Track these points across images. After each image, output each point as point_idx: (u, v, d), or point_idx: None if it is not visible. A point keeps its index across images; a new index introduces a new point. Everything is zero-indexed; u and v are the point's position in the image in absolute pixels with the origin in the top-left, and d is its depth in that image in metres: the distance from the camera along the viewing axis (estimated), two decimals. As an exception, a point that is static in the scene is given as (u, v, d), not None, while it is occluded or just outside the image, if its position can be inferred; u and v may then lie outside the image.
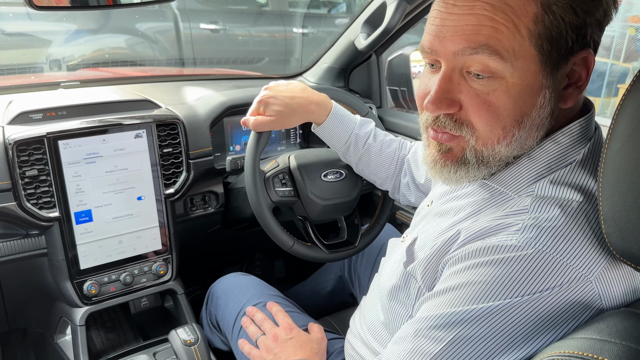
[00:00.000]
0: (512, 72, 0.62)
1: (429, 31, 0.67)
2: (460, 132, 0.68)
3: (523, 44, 0.62)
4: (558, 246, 0.60)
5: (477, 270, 0.63)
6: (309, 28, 4.92)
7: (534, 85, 0.64)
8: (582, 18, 0.63)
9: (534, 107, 0.65)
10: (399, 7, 1.37)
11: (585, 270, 0.59)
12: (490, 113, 0.65)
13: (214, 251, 1.70)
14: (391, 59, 1.72)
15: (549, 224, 0.61)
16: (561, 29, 0.62)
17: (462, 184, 0.75)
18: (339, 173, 1.27)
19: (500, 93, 0.63)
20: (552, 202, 0.64)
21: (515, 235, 0.62)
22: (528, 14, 0.61)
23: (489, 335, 0.61)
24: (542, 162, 0.69)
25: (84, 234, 1.19)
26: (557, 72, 0.65)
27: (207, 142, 1.36)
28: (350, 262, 1.44)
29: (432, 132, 0.72)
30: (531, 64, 0.63)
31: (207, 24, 4.39)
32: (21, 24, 3.53)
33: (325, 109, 1.16)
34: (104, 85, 1.54)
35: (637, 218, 0.54)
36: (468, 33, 0.62)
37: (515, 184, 0.70)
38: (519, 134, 0.66)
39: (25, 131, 1.11)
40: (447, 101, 0.66)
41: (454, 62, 0.65)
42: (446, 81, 0.66)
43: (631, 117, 0.55)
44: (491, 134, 0.66)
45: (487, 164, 0.69)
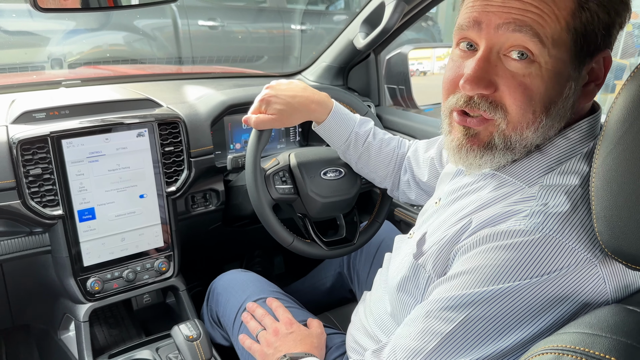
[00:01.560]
0: (547, 59, 0.65)
1: (471, 9, 0.69)
2: (494, 114, 0.69)
3: (561, 34, 0.65)
4: (564, 231, 0.63)
5: (488, 255, 0.66)
6: (307, 25, 4.92)
7: (563, 75, 0.67)
8: (612, 18, 0.67)
9: (561, 97, 0.68)
10: (398, 7, 1.39)
11: (590, 254, 0.62)
12: (525, 95, 0.67)
13: (214, 248, 1.72)
14: (389, 58, 1.73)
15: (555, 210, 0.64)
16: (594, 25, 0.66)
17: (483, 170, 0.77)
18: (338, 171, 1.29)
19: (535, 77, 0.66)
20: (558, 190, 0.67)
21: (524, 221, 0.65)
22: (567, 8, 0.64)
23: (499, 315, 0.63)
24: (553, 156, 0.72)
25: (87, 232, 1.21)
26: (582, 67, 0.68)
27: (208, 141, 1.38)
28: (349, 259, 1.46)
29: (457, 117, 0.73)
30: (564, 54, 0.66)
31: (205, 21, 4.39)
32: (23, 23, 3.53)
33: (326, 107, 1.18)
34: (105, 84, 1.56)
35: (627, 217, 0.56)
36: (514, 12, 0.65)
37: (527, 175, 0.73)
38: (546, 121, 0.69)
39: (29, 130, 1.13)
40: (485, 81, 0.68)
41: (494, 39, 0.67)
42: (485, 61, 0.68)
43: (621, 120, 0.57)
44: (522, 118, 0.68)
45: (512, 149, 0.71)
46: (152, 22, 4.18)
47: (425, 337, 0.69)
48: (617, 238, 0.58)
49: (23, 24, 3.54)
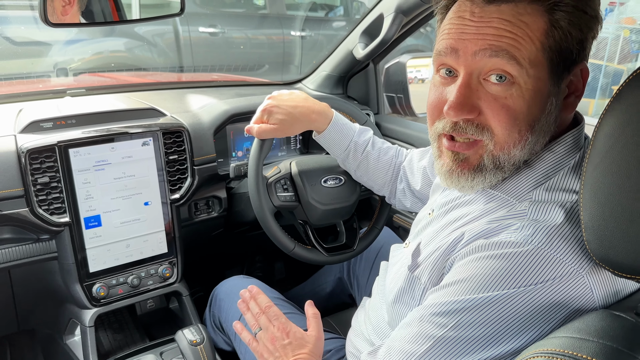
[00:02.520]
0: (526, 79, 0.68)
1: (447, 37, 0.72)
2: (481, 136, 0.72)
3: (537, 54, 0.68)
4: (552, 243, 0.66)
5: (480, 263, 0.69)
6: (307, 31, 4.96)
7: (543, 92, 0.70)
8: (585, 33, 0.70)
9: (543, 113, 0.71)
10: (396, 19, 1.43)
11: (577, 265, 0.65)
12: (509, 116, 0.69)
13: (216, 254, 1.75)
14: (388, 67, 1.77)
15: (545, 224, 0.67)
16: (568, 42, 0.69)
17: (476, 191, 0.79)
18: (338, 179, 1.32)
19: (517, 97, 0.69)
20: (548, 205, 0.70)
21: (515, 233, 0.68)
22: (540, 29, 0.67)
23: (488, 321, 0.66)
24: (541, 170, 0.74)
25: (93, 239, 1.24)
26: (561, 82, 0.71)
27: (211, 149, 1.41)
28: (349, 265, 1.49)
29: (446, 142, 0.76)
30: (542, 72, 0.69)
31: (206, 27, 4.43)
32: (30, 32, 3.58)
33: (326, 117, 1.21)
34: (110, 93, 1.59)
35: (614, 227, 0.59)
36: (489, 38, 0.68)
37: (517, 191, 0.75)
38: (531, 138, 0.71)
39: (37, 140, 1.16)
40: (468, 106, 0.70)
41: (472, 65, 0.69)
42: (466, 87, 0.70)
43: (608, 135, 0.60)
44: (509, 138, 0.71)
45: (502, 168, 0.74)
46: (153, 29, 4.21)
47: (418, 340, 0.72)
48: (604, 247, 0.61)
49: (30, 34, 3.59)
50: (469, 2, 0.70)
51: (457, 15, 0.71)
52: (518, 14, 0.67)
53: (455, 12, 0.72)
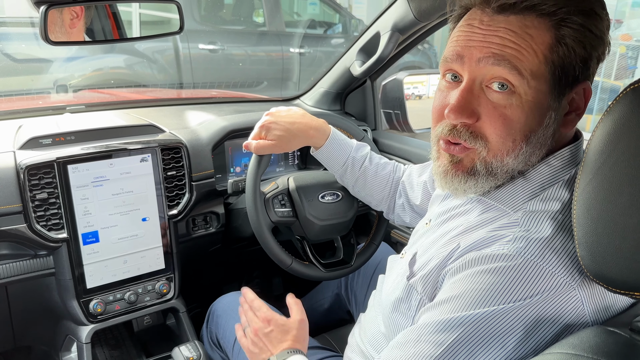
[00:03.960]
0: (527, 90, 0.70)
1: (455, 44, 0.74)
2: (474, 144, 0.73)
3: (539, 67, 0.69)
4: (544, 255, 0.66)
5: (473, 279, 0.69)
6: (306, 48, 5.02)
7: (543, 105, 0.71)
8: (589, 52, 0.71)
9: (541, 126, 0.72)
10: (392, 37, 1.45)
11: (569, 278, 0.65)
12: (505, 125, 0.71)
13: (214, 269, 1.75)
14: (385, 84, 1.78)
15: (537, 235, 0.68)
16: (571, 59, 0.70)
17: (469, 195, 0.80)
18: (335, 194, 1.32)
19: (516, 107, 0.70)
20: (540, 215, 0.71)
21: (507, 245, 0.68)
22: (545, 43, 0.69)
23: (485, 337, 0.66)
24: (536, 182, 0.75)
25: (90, 254, 1.24)
26: (562, 97, 0.72)
27: (209, 165, 1.42)
28: (347, 280, 1.49)
29: (444, 145, 0.78)
30: (544, 85, 0.70)
31: (206, 44, 4.48)
32: (30, 48, 3.61)
33: (324, 133, 1.22)
34: (109, 110, 1.60)
35: (606, 243, 0.60)
36: (493, 47, 0.70)
37: (512, 201, 0.76)
38: (526, 149, 0.73)
39: (36, 156, 1.17)
40: (468, 110, 0.72)
41: (476, 71, 0.71)
42: (468, 92, 0.72)
43: (599, 151, 0.61)
44: (502, 146, 0.72)
45: (495, 175, 0.75)
46: (153, 46, 4.26)
47: None
48: (597, 263, 0.61)
49: (30, 50, 3.62)
50: (479, 11, 0.73)
51: (467, 23, 0.74)
52: (525, 26, 0.69)
53: (465, 20, 0.75)
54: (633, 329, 0.62)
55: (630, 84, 0.60)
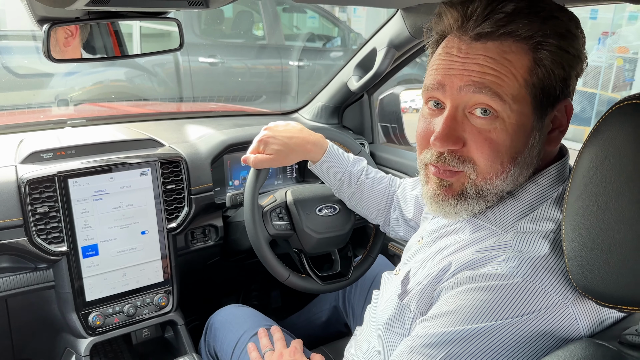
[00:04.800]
0: (509, 114, 0.71)
1: (435, 72, 0.75)
2: (462, 168, 0.74)
3: (520, 91, 0.71)
4: (537, 275, 0.67)
5: (468, 295, 0.70)
6: (305, 61, 5.06)
7: (527, 127, 0.72)
8: (567, 71, 0.73)
9: (526, 147, 0.73)
10: (388, 53, 1.47)
11: (562, 296, 0.66)
12: (491, 149, 0.72)
13: (212, 282, 1.76)
14: (382, 98, 1.81)
15: (529, 255, 0.69)
16: (551, 80, 0.72)
17: (460, 218, 0.81)
18: (333, 208, 1.34)
19: (500, 131, 0.71)
20: (532, 236, 0.72)
21: (501, 265, 0.70)
22: (524, 67, 0.70)
23: (477, 353, 0.67)
24: (525, 202, 0.77)
25: (90, 267, 1.25)
26: (545, 117, 0.74)
27: (208, 178, 1.44)
28: (344, 293, 1.49)
29: (433, 169, 0.78)
30: (525, 107, 0.72)
31: (206, 58, 4.52)
32: (32, 62, 3.65)
33: (321, 148, 1.24)
34: (110, 124, 1.62)
35: (594, 258, 0.61)
36: (473, 75, 0.70)
37: (502, 221, 0.77)
38: (514, 170, 0.74)
39: (37, 170, 1.18)
40: (453, 138, 0.73)
41: (458, 99, 0.72)
42: (452, 119, 0.73)
43: (587, 169, 0.63)
44: (491, 169, 0.73)
45: (485, 197, 0.76)
46: (154, 59, 4.29)
47: None
48: (586, 277, 0.62)
49: (32, 64, 3.66)
50: (456, 39, 0.74)
51: (445, 51, 0.75)
52: (503, 52, 0.70)
53: (443, 48, 0.76)
54: (622, 342, 0.64)
55: (616, 103, 0.62)
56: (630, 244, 0.58)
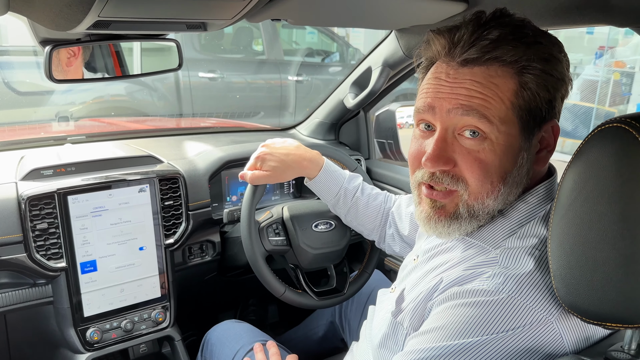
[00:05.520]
0: (497, 135, 0.73)
1: (425, 96, 0.78)
2: (456, 186, 0.76)
3: (507, 113, 0.73)
4: (522, 291, 0.69)
5: (456, 311, 0.72)
6: (304, 76, 5.11)
7: (515, 147, 0.75)
8: (552, 94, 0.75)
9: (515, 166, 0.76)
10: (383, 72, 1.50)
11: (546, 312, 0.68)
12: (481, 169, 0.74)
13: (209, 297, 1.77)
14: (378, 114, 1.84)
15: (514, 272, 0.71)
16: (537, 102, 0.74)
17: (453, 238, 0.83)
18: (329, 224, 1.36)
19: (488, 151, 0.74)
20: (518, 252, 0.74)
21: (487, 281, 0.71)
22: (510, 90, 0.73)
23: None
24: (514, 220, 0.79)
25: (88, 283, 1.26)
26: (532, 137, 0.76)
27: (205, 194, 1.46)
28: (341, 308, 1.50)
29: (425, 190, 0.81)
30: (513, 129, 0.74)
31: (206, 73, 4.56)
32: (33, 79, 3.68)
33: (317, 164, 1.26)
34: (109, 140, 1.64)
35: (579, 276, 0.63)
36: (461, 99, 0.73)
37: (493, 239, 0.79)
38: (504, 189, 0.76)
39: (37, 187, 1.20)
40: (444, 159, 0.75)
41: (447, 121, 0.75)
42: (442, 141, 0.76)
43: (571, 189, 0.65)
44: (482, 189, 0.75)
45: (477, 217, 0.78)
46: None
47: None
48: (571, 294, 0.64)
49: (34, 80, 3.69)
50: (445, 65, 0.77)
51: (435, 76, 0.78)
52: (489, 76, 0.73)
53: (432, 73, 0.79)
54: (607, 358, 0.65)
55: (598, 126, 0.64)
56: (613, 263, 0.60)
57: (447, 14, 1.08)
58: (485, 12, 0.77)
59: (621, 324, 0.61)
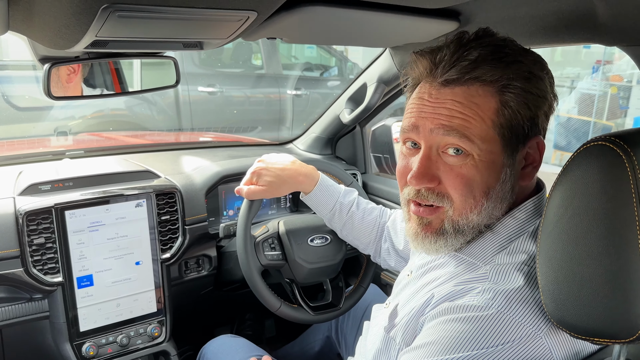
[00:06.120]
0: (479, 152, 0.75)
1: (409, 115, 0.80)
2: (442, 203, 0.78)
3: (488, 131, 0.75)
4: (511, 306, 0.70)
5: (447, 326, 0.73)
6: (303, 90, 5.14)
7: (497, 163, 0.76)
8: (534, 111, 0.77)
9: (498, 182, 0.77)
10: (378, 88, 1.53)
11: (535, 327, 0.69)
12: (464, 184, 0.76)
13: (206, 312, 1.77)
14: (375, 129, 1.85)
15: (504, 287, 0.72)
16: (518, 119, 0.76)
17: (441, 254, 0.85)
18: (324, 238, 1.36)
19: (470, 167, 0.76)
20: (507, 268, 0.75)
21: (477, 297, 0.72)
22: (491, 109, 0.75)
23: None
24: (503, 235, 0.80)
25: (84, 298, 1.27)
26: (516, 154, 0.78)
27: (202, 209, 1.46)
28: (337, 323, 1.51)
29: (413, 207, 0.82)
30: (494, 146, 0.76)
31: (205, 87, 4.59)
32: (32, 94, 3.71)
33: (312, 179, 1.27)
34: (107, 155, 1.66)
35: (567, 291, 0.64)
36: (442, 119, 0.75)
37: (482, 254, 0.81)
38: (487, 204, 0.77)
39: (35, 202, 1.21)
40: (428, 176, 0.77)
41: (431, 140, 0.77)
42: (426, 159, 0.78)
43: (558, 205, 0.66)
44: (465, 204, 0.77)
45: (462, 232, 0.80)
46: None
47: None
48: (560, 310, 0.65)
49: (33, 94, 3.72)
50: (427, 85, 0.79)
51: (418, 96, 0.80)
52: (470, 96, 0.75)
53: (417, 93, 0.81)
54: (596, 373, 0.66)
55: (584, 144, 0.66)
56: (599, 279, 0.61)
57: (440, 32, 1.11)
58: (467, 32, 0.79)
59: (609, 339, 0.62)
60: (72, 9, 0.69)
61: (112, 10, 0.68)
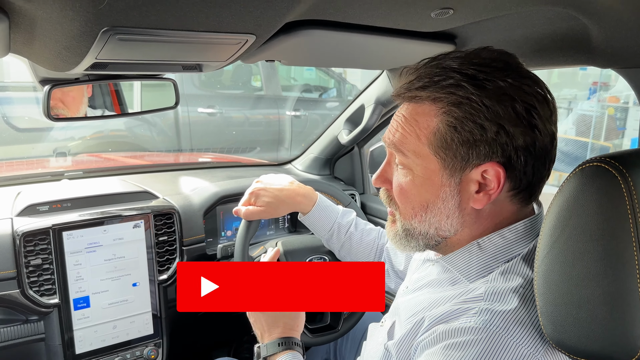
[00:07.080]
0: (416, 167, 0.78)
1: None
2: (392, 206, 0.85)
3: (422, 148, 0.77)
4: (508, 328, 0.69)
5: (445, 352, 0.72)
6: (302, 111, 5.18)
7: (434, 181, 0.78)
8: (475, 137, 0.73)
9: (438, 198, 0.79)
10: (376, 110, 1.54)
11: (533, 348, 0.68)
12: (402, 195, 0.81)
13: (203, 334, 1.75)
14: (373, 150, 1.86)
15: (501, 308, 0.71)
16: (456, 143, 0.75)
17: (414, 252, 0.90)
18: (322, 259, 1.36)
19: (409, 181, 0.80)
20: (503, 290, 0.74)
21: (473, 318, 0.72)
22: (429, 128, 0.76)
23: None
24: (489, 252, 0.80)
25: (81, 320, 1.26)
26: (459, 175, 0.76)
27: (200, 230, 1.46)
28: (335, 345, 1.49)
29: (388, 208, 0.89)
30: (431, 164, 0.77)
31: (205, 108, 4.62)
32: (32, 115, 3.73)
33: (310, 200, 1.27)
34: (106, 176, 1.66)
35: (565, 313, 0.64)
36: (389, 133, 0.82)
37: (467, 270, 0.81)
38: (427, 217, 0.80)
39: (33, 223, 1.21)
40: (382, 178, 0.86)
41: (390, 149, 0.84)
42: (387, 164, 0.86)
43: (554, 227, 0.66)
44: (405, 212, 0.82)
45: (414, 237, 0.83)
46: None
47: None
48: (558, 331, 0.65)
49: (33, 115, 3.74)
50: (400, 100, 0.83)
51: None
52: (415, 113, 0.78)
53: None
54: (596, 396, 0.65)
55: (580, 165, 0.66)
56: (597, 300, 0.61)
57: (435, 54, 1.12)
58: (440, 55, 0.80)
59: (608, 361, 0.61)
60: (72, 31, 0.70)
61: (112, 33, 0.69)
